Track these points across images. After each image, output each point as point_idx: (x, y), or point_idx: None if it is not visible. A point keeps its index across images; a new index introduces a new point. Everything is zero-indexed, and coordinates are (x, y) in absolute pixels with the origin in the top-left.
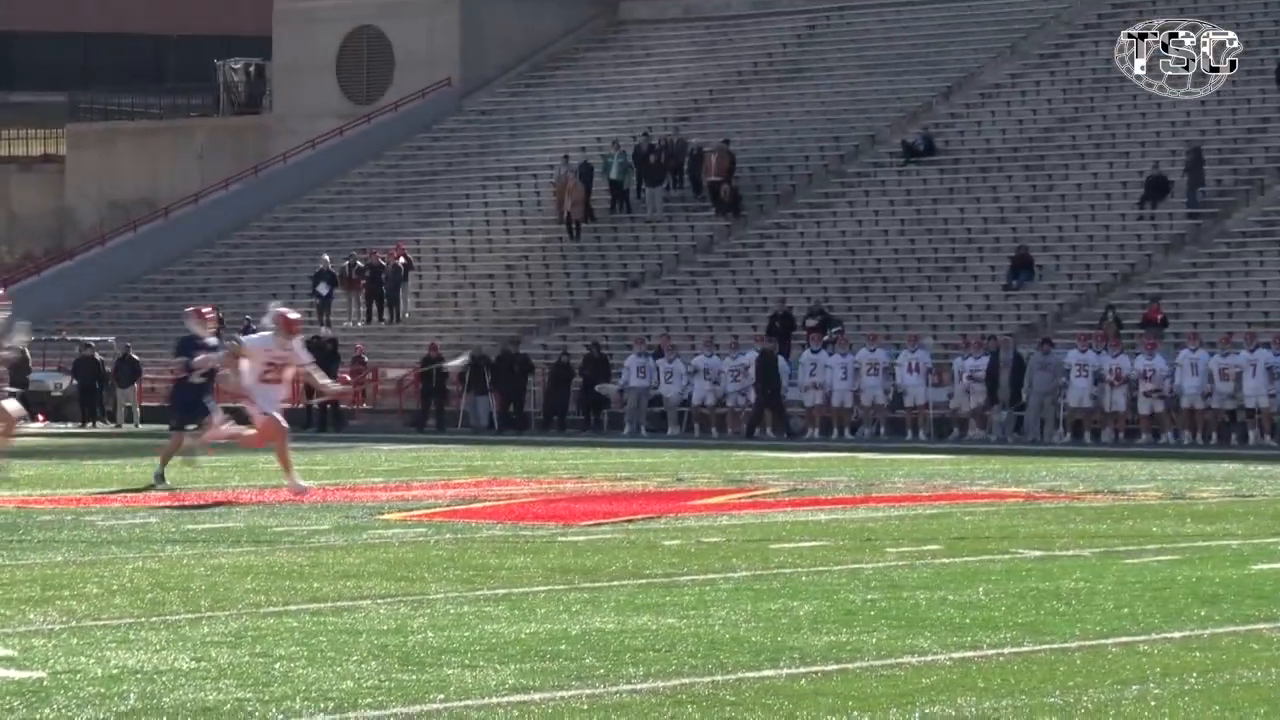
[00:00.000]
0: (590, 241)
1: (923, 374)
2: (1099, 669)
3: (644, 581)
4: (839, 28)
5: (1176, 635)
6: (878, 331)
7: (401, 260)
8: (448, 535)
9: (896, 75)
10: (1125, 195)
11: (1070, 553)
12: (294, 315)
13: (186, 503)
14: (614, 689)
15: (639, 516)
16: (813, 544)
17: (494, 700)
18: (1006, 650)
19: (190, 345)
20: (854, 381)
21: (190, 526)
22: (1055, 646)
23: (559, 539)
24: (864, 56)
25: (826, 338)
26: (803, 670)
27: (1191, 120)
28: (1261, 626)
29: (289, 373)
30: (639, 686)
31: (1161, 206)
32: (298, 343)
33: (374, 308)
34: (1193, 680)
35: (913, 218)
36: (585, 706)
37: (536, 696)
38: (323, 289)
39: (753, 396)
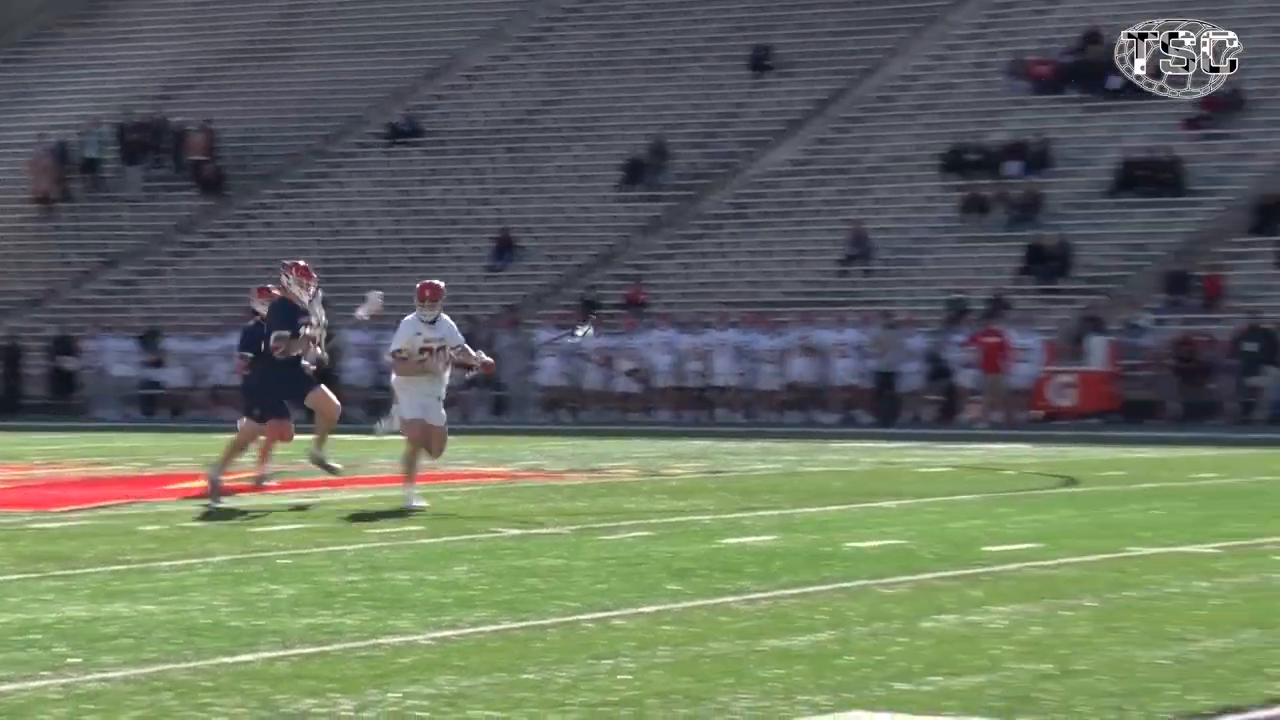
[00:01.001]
0: (67, 221)
1: None
2: (574, 644)
3: (120, 568)
4: (323, 7)
5: (649, 610)
6: None
7: None
8: None
9: (381, 56)
10: (604, 178)
11: (549, 530)
12: (439, 283)
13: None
14: (87, 678)
15: (114, 502)
16: (293, 527)
17: None
18: (486, 628)
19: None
20: (336, 364)
21: None
22: (532, 624)
23: (31, 526)
24: (348, 37)
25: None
26: (281, 654)
27: (670, 105)
28: (730, 599)
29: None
30: (112, 675)
31: (639, 189)
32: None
33: None
34: (664, 653)
35: (398, 198)
36: (58, 696)
37: (7, 688)
38: None
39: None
